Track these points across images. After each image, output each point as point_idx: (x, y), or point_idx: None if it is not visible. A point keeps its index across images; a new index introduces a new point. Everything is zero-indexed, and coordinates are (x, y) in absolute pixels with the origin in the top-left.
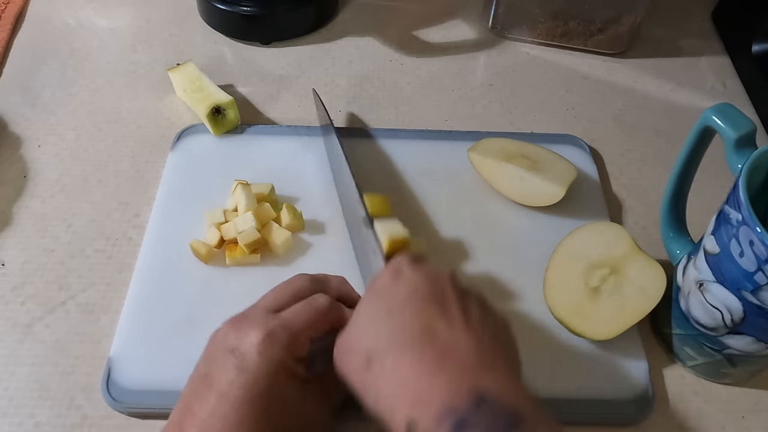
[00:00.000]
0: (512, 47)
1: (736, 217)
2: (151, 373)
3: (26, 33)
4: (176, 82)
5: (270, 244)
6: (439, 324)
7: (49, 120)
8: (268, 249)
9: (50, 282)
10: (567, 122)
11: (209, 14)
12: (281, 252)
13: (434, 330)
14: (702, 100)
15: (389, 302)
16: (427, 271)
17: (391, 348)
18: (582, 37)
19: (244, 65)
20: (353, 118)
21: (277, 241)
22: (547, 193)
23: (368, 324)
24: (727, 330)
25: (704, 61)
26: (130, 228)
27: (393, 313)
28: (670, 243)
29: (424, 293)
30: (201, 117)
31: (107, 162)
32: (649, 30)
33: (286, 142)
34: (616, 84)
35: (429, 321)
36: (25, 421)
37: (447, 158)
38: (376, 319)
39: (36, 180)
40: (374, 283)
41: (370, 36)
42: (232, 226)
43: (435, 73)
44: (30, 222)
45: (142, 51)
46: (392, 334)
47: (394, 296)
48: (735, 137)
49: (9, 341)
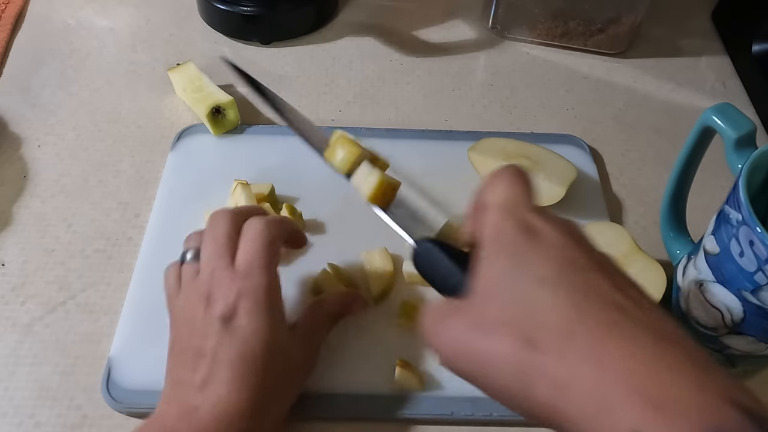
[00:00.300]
0: (512, 47)
1: (736, 217)
2: (151, 373)
3: (26, 33)
4: (176, 82)
5: None
6: (622, 299)
7: (49, 120)
8: None
9: (50, 282)
10: (567, 122)
11: (209, 14)
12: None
13: (624, 308)
14: (702, 100)
15: (538, 267)
16: (566, 228)
17: (575, 326)
18: (582, 37)
19: (244, 65)
20: (353, 118)
21: None
22: (547, 193)
23: (512, 292)
24: (727, 330)
25: (704, 61)
26: (130, 228)
27: (550, 282)
28: (670, 243)
29: (581, 260)
30: (201, 117)
31: (107, 162)
32: (649, 30)
33: (286, 142)
34: (616, 84)
35: (610, 295)
36: (25, 421)
37: (447, 158)
38: (525, 287)
39: (36, 180)
40: (497, 238)
41: (370, 36)
42: None
43: (435, 73)
44: (30, 222)
45: (142, 51)
46: (567, 308)
47: (542, 260)
48: (735, 137)
49: (9, 341)
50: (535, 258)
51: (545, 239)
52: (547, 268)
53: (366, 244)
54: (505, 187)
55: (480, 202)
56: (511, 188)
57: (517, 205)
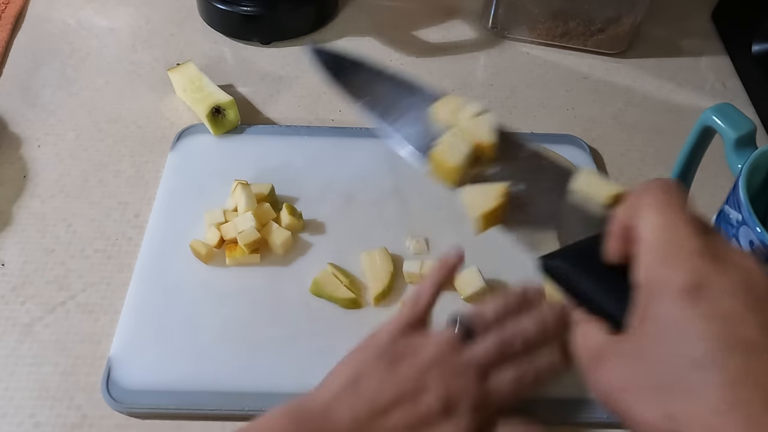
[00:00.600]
0: (512, 47)
1: (736, 217)
2: (151, 373)
3: (26, 33)
4: (176, 82)
5: (270, 244)
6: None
7: (49, 120)
8: (268, 249)
9: (50, 282)
10: (567, 122)
11: (209, 14)
12: (281, 252)
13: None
14: (702, 100)
15: (695, 345)
16: (743, 280)
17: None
18: (582, 37)
19: (244, 65)
20: (353, 118)
21: (277, 241)
22: None
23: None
24: None
25: (704, 61)
26: (130, 228)
27: (705, 366)
28: None
29: (750, 333)
30: (201, 117)
31: (107, 162)
32: (649, 30)
33: (286, 142)
34: (616, 84)
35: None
36: (25, 421)
37: None
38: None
39: (36, 180)
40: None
41: (370, 36)
42: (232, 226)
43: (435, 73)
44: (30, 222)
45: (142, 51)
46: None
47: (700, 336)
48: (735, 137)
49: (9, 341)
50: (694, 333)
51: (711, 304)
52: (703, 347)
53: (366, 244)
54: (660, 217)
55: (628, 225)
56: (667, 217)
57: (677, 246)
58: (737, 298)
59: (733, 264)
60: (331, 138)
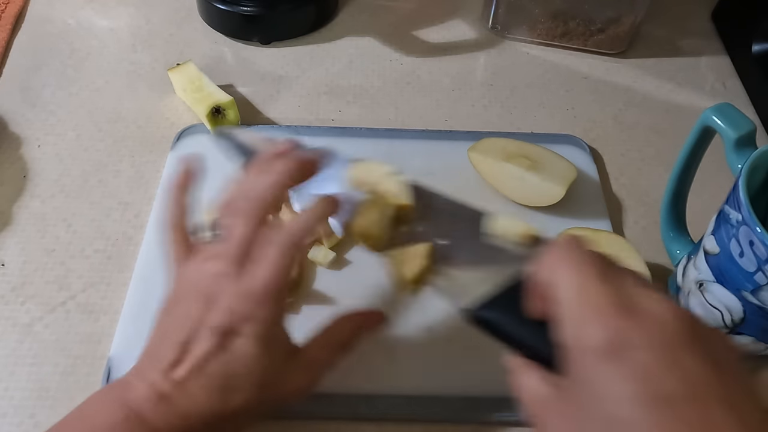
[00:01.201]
0: (512, 47)
1: (736, 217)
2: None
3: (26, 33)
4: (176, 82)
5: None
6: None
7: (49, 120)
8: None
9: (50, 282)
10: (567, 122)
11: (209, 14)
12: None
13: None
14: (702, 100)
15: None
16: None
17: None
18: (582, 37)
19: (244, 65)
20: (353, 118)
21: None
22: (547, 193)
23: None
24: (727, 330)
25: (704, 61)
26: (130, 228)
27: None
28: (670, 243)
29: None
30: (201, 117)
31: (107, 162)
32: (649, 30)
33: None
34: (616, 84)
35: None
36: (25, 421)
37: (447, 158)
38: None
39: (36, 180)
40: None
41: (370, 36)
42: None
43: (435, 73)
44: (30, 222)
45: (142, 51)
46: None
47: (621, 396)
48: (735, 137)
49: (9, 341)
50: (617, 394)
51: (629, 362)
52: (628, 408)
53: None
54: (574, 278)
55: (545, 285)
56: (581, 277)
57: (592, 307)
58: (653, 351)
59: (646, 315)
60: (331, 138)
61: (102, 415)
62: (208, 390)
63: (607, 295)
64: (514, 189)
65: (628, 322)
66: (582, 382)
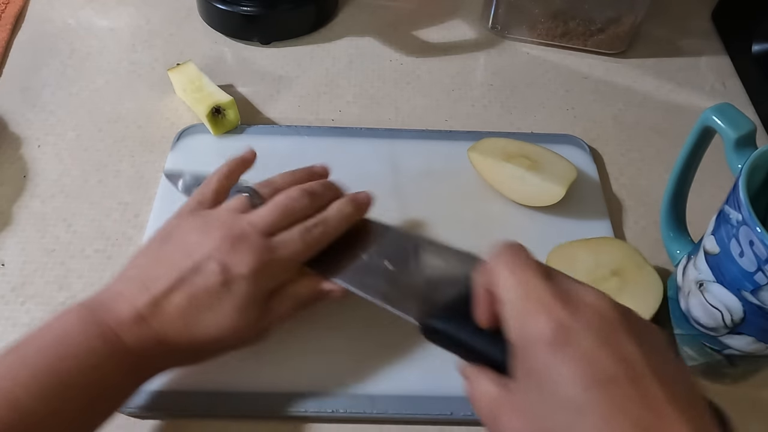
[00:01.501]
0: (512, 47)
1: (736, 217)
2: None
3: (26, 33)
4: (176, 82)
5: None
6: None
7: (49, 120)
8: None
9: (50, 282)
10: (567, 122)
11: (209, 14)
12: None
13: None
14: (702, 100)
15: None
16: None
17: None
18: (582, 37)
19: (244, 65)
20: (353, 118)
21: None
22: (547, 193)
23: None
24: (727, 330)
25: (704, 61)
26: (130, 228)
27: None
28: (670, 243)
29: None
30: (201, 117)
31: (107, 162)
32: (649, 30)
33: (286, 142)
34: (616, 84)
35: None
36: None
37: (447, 158)
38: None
39: (36, 180)
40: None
41: (370, 36)
42: None
43: (435, 73)
44: (30, 222)
45: (142, 51)
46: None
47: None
48: (735, 137)
49: (9, 341)
50: (565, 379)
51: (573, 347)
52: (575, 391)
53: None
54: (513, 277)
55: (489, 290)
56: (519, 275)
57: (533, 301)
58: (591, 336)
59: (585, 305)
60: (331, 138)
61: (76, 333)
62: (190, 319)
63: (547, 289)
64: (514, 189)
65: (570, 312)
66: (531, 373)
